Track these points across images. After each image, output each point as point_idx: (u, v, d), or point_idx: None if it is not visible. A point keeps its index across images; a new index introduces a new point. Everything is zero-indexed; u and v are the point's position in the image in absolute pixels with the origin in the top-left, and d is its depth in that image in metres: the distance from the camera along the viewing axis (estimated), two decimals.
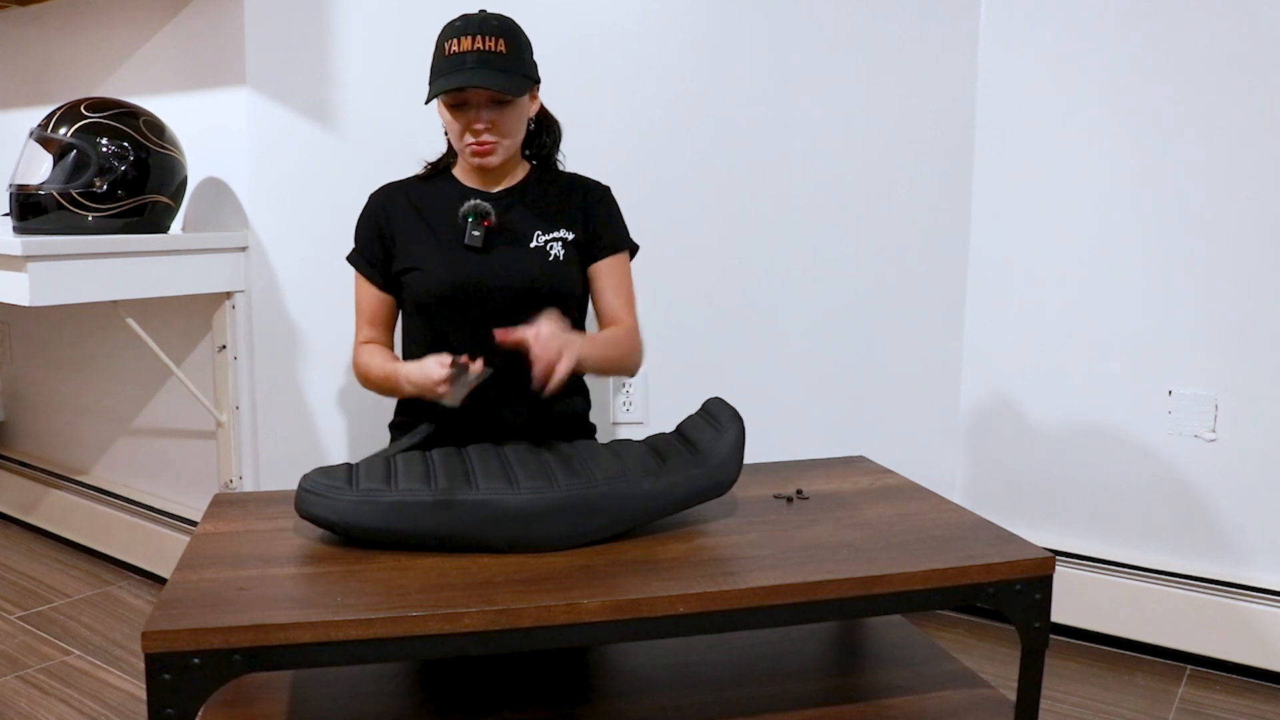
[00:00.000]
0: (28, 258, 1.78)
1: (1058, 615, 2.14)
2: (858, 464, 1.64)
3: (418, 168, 1.71)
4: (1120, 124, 2.04)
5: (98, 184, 1.92)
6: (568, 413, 1.66)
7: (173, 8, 2.24)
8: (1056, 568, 1.22)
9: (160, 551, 2.41)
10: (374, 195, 1.66)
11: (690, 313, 2.19)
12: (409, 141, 1.77)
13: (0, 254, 1.81)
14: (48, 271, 1.82)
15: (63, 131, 1.92)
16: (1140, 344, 2.06)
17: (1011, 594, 1.20)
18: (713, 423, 1.36)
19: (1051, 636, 1.68)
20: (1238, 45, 1.90)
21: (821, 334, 2.22)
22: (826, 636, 1.47)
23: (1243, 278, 1.94)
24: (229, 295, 2.16)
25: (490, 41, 1.48)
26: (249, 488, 2.21)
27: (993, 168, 2.19)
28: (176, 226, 2.18)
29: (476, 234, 1.56)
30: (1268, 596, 1.95)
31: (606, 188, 1.68)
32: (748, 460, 1.55)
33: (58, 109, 1.96)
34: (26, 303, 1.80)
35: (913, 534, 1.29)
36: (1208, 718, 1.84)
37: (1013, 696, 1.26)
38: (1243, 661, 1.98)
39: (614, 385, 2.19)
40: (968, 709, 1.27)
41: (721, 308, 2.19)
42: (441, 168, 1.68)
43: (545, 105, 1.68)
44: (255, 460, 2.20)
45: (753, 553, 1.22)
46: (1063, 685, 1.96)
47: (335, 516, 1.21)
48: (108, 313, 2.11)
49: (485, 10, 1.54)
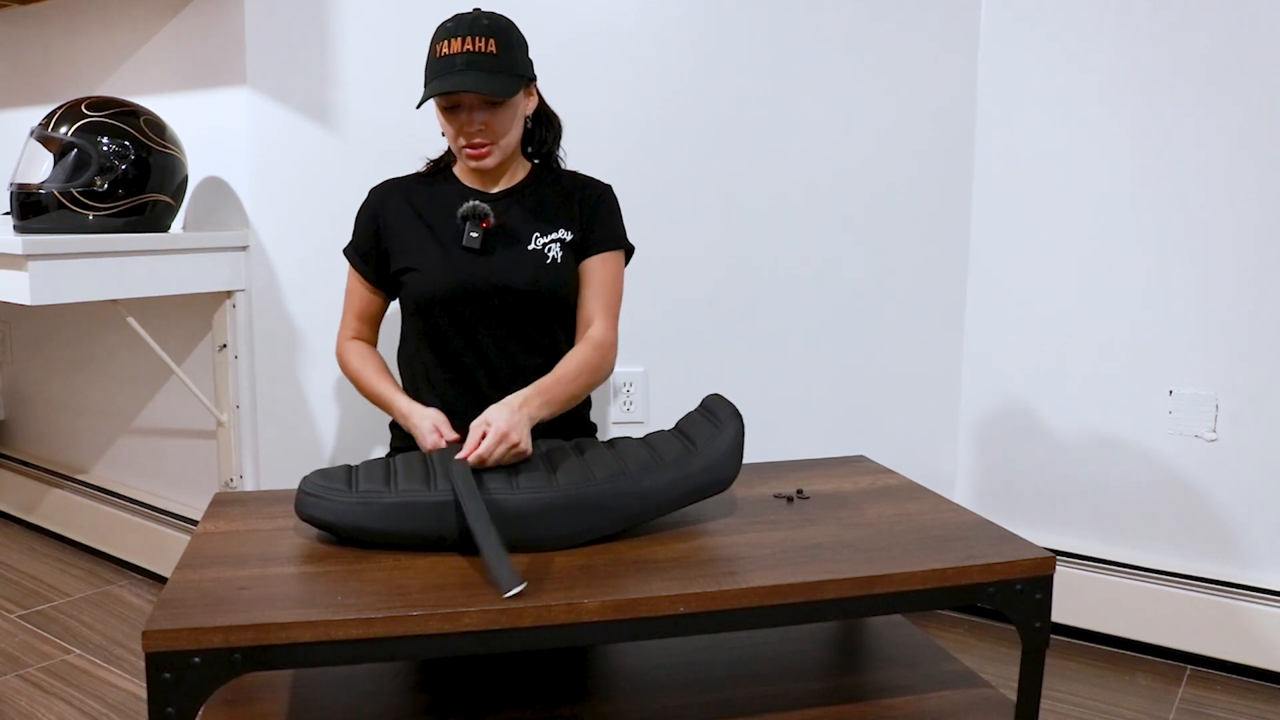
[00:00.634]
0: (28, 257, 1.78)
1: (1058, 615, 2.14)
2: (858, 464, 1.64)
3: (418, 167, 1.71)
4: (1120, 124, 2.04)
5: (98, 183, 1.93)
6: (567, 412, 1.66)
7: (173, 8, 2.24)
8: (1057, 567, 1.22)
9: (161, 551, 2.41)
10: (374, 190, 1.66)
11: (690, 313, 2.19)
12: (409, 141, 1.77)
13: (1, 253, 1.81)
14: (48, 271, 1.82)
15: (63, 130, 1.92)
16: (1140, 344, 2.06)
17: (1012, 594, 1.20)
18: (712, 419, 1.36)
19: (1052, 636, 1.68)
20: (1238, 46, 1.90)
21: (821, 334, 2.22)
22: (827, 636, 1.47)
23: (1243, 278, 1.94)
24: (229, 295, 2.17)
25: (480, 42, 1.47)
26: (249, 487, 2.21)
27: (993, 168, 2.19)
28: (177, 226, 2.18)
29: (475, 235, 1.55)
30: (1268, 596, 1.95)
31: (607, 186, 1.67)
32: (748, 460, 1.55)
33: (58, 108, 1.96)
34: (27, 302, 1.80)
35: (913, 534, 1.29)
36: (1208, 718, 1.84)
37: (1013, 696, 1.26)
38: (1243, 661, 1.98)
39: (614, 385, 2.19)
40: (968, 709, 1.27)
41: (721, 308, 2.19)
42: (442, 166, 1.68)
43: (547, 103, 1.67)
44: (255, 460, 2.20)
45: (753, 552, 1.22)
46: (1063, 685, 1.96)
47: (335, 518, 1.21)
48: (108, 312, 2.12)
49: (479, 9, 1.53)
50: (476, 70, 1.47)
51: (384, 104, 2.07)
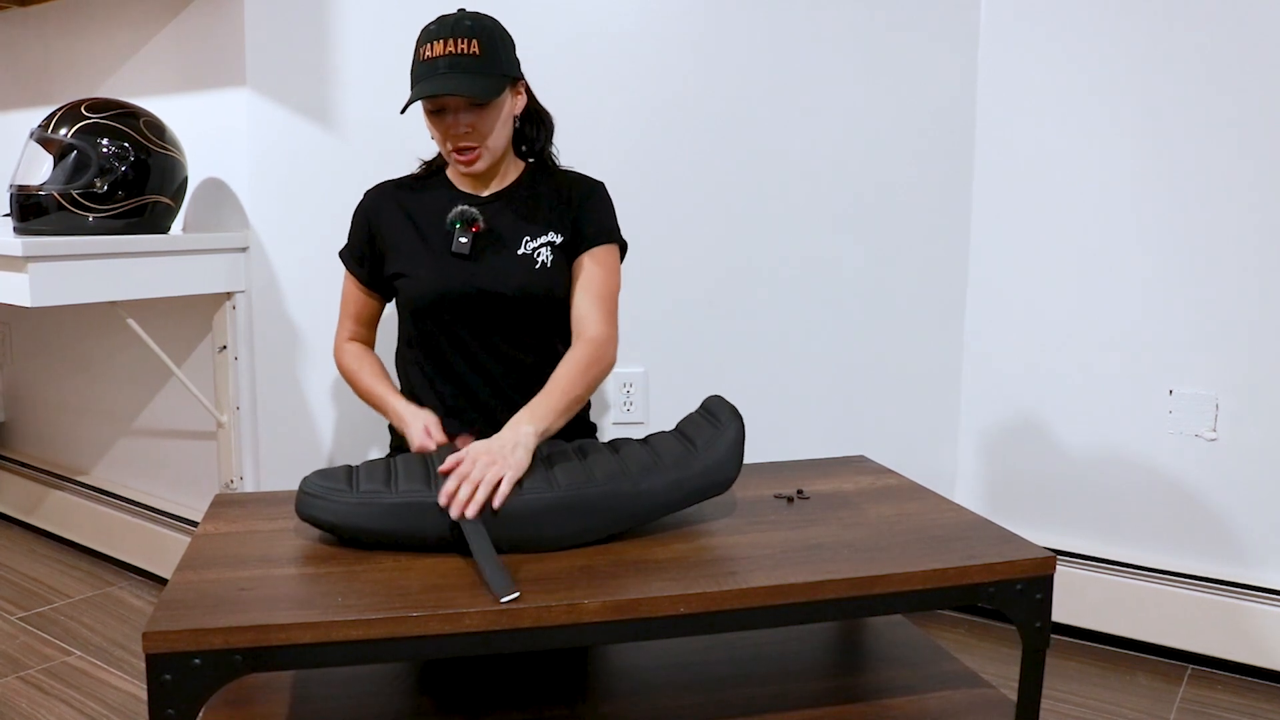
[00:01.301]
0: (28, 258, 1.78)
1: (1058, 615, 2.14)
2: (858, 464, 1.64)
3: (416, 167, 1.71)
4: (1120, 124, 2.04)
5: (98, 184, 1.93)
6: None
7: (173, 8, 2.24)
8: (1057, 567, 1.22)
9: (161, 552, 2.41)
10: (368, 194, 1.65)
11: (690, 313, 2.19)
12: (408, 141, 1.77)
13: (1, 255, 1.81)
14: (48, 272, 1.82)
15: (63, 132, 1.92)
16: (1140, 344, 2.06)
17: (1012, 594, 1.20)
18: (712, 421, 1.36)
19: (1052, 636, 1.68)
20: (1237, 45, 1.90)
21: (821, 334, 2.22)
22: (827, 636, 1.47)
23: (1243, 278, 1.94)
24: (229, 295, 2.17)
25: (463, 44, 1.46)
26: (249, 488, 2.21)
27: (993, 168, 2.19)
28: (177, 227, 2.18)
29: (464, 241, 1.55)
30: (1268, 596, 1.95)
31: (599, 184, 1.65)
32: (748, 460, 1.55)
33: (58, 110, 1.96)
34: (27, 303, 1.80)
35: (913, 534, 1.29)
36: (1210, 717, 1.84)
37: (1014, 696, 1.26)
38: (1244, 661, 1.98)
39: (614, 385, 2.19)
40: (968, 709, 1.27)
41: (721, 308, 2.19)
42: (435, 168, 1.68)
43: (538, 100, 1.66)
44: (256, 460, 2.20)
45: (753, 553, 1.22)
46: (1064, 685, 1.96)
47: (335, 519, 1.21)
48: (108, 313, 2.12)
49: (463, 10, 1.52)
50: (459, 73, 1.46)
51: (384, 104, 2.07)
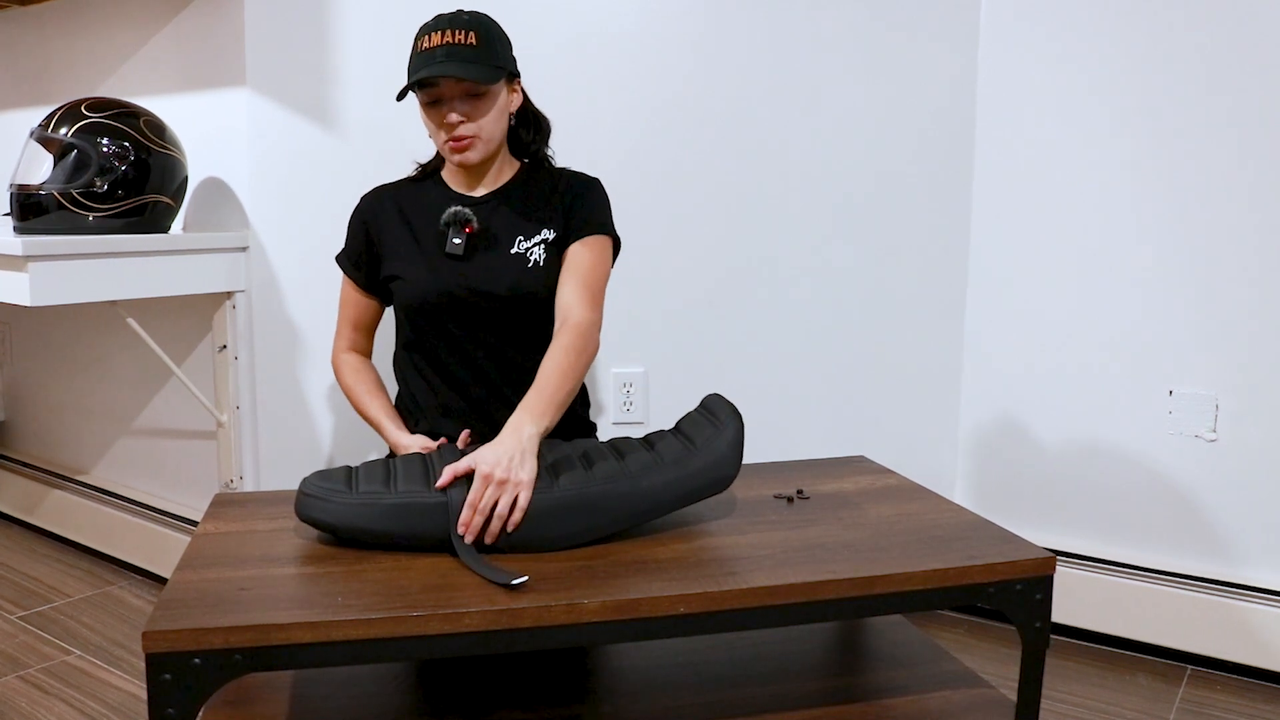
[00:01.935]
0: (28, 258, 1.78)
1: (1058, 615, 2.14)
2: (858, 464, 1.64)
3: (412, 170, 1.71)
4: (1120, 124, 2.04)
5: (98, 184, 1.93)
6: (565, 412, 1.65)
7: (173, 8, 2.24)
8: (1057, 568, 1.22)
9: (161, 552, 2.41)
10: (365, 197, 1.66)
11: (690, 313, 2.19)
12: (408, 142, 1.77)
13: (1, 254, 1.81)
14: (48, 271, 1.82)
15: (63, 131, 1.92)
16: (1140, 344, 2.06)
17: (1012, 594, 1.20)
18: (712, 419, 1.36)
19: (1052, 636, 1.68)
20: (1237, 45, 1.90)
21: (821, 334, 2.22)
22: (827, 636, 1.47)
23: (1243, 278, 1.94)
24: (229, 295, 2.17)
25: (460, 35, 1.48)
26: (249, 488, 2.21)
27: (993, 167, 2.19)
28: (177, 226, 2.18)
29: (457, 242, 1.55)
30: (1268, 596, 1.95)
31: (595, 180, 1.65)
32: (747, 460, 1.55)
33: (58, 109, 1.96)
34: (27, 303, 1.80)
35: (913, 534, 1.29)
36: (1209, 718, 1.84)
37: (1013, 696, 1.26)
38: (1244, 661, 1.98)
39: (614, 385, 2.19)
40: (968, 709, 1.27)
41: (721, 308, 2.19)
42: (430, 170, 1.68)
43: (535, 103, 1.66)
44: (255, 460, 2.20)
45: (753, 553, 1.22)
46: (1064, 685, 1.96)
47: (335, 520, 1.21)
48: (108, 313, 2.12)
49: (462, 9, 1.54)
50: (455, 59, 1.47)
51: (384, 104, 2.07)
